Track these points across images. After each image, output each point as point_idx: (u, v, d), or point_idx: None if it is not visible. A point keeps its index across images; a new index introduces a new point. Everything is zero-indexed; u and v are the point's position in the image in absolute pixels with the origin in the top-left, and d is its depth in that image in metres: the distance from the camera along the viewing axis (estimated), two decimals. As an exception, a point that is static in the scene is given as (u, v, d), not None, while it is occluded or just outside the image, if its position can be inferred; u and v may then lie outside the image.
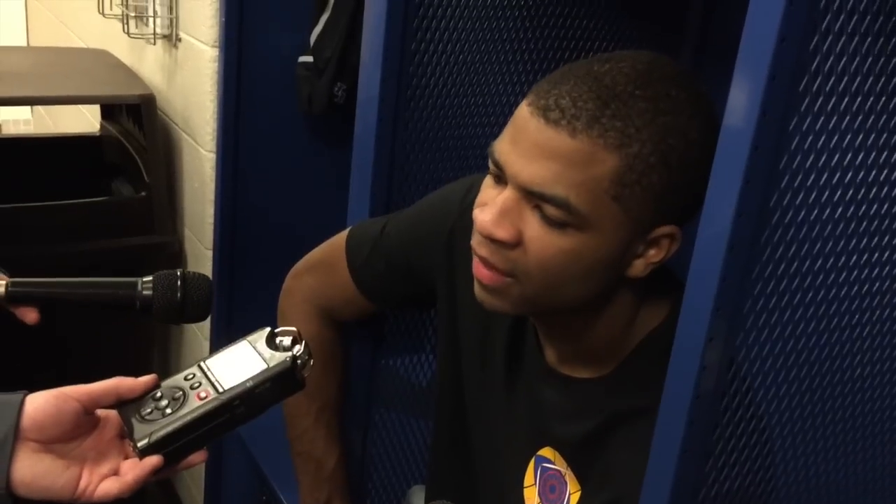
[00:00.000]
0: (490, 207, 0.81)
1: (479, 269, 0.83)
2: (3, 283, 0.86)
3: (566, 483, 0.91)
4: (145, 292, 0.85)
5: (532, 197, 0.78)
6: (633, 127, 0.75)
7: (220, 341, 1.17)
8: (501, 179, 0.81)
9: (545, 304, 0.84)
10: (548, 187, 0.77)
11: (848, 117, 0.67)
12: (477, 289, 0.85)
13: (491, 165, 0.82)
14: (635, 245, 0.80)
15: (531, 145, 0.77)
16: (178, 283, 0.86)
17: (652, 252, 0.81)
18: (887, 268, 0.75)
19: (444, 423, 1.10)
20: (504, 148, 0.80)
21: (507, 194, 0.80)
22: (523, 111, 0.79)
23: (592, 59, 0.82)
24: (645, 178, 0.76)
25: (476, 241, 0.83)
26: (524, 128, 0.78)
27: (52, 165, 2.20)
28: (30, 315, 0.86)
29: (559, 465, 0.92)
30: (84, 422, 0.79)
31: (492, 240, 0.80)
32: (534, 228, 0.79)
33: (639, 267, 0.82)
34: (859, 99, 0.67)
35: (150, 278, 0.86)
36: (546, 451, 0.93)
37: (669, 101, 0.77)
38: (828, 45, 0.64)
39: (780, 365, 0.74)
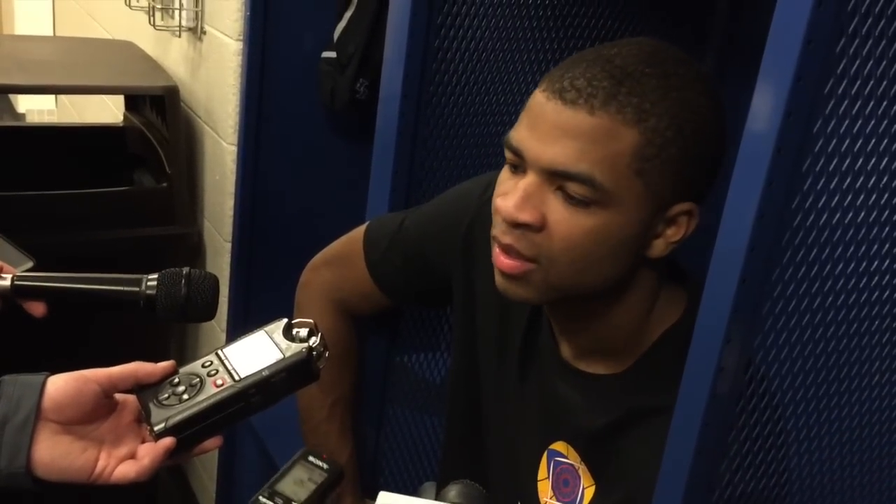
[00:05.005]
0: (512, 194, 0.81)
1: (500, 259, 0.84)
2: (10, 276, 0.87)
3: (580, 477, 0.91)
4: (149, 291, 0.84)
5: (554, 178, 0.79)
6: (649, 102, 0.78)
7: (236, 333, 1.18)
8: (520, 168, 0.83)
9: (569, 288, 0.84)
10: (571, 165, 0.78)
11: (873, 121, 0.67)
12: (498, 279, 0.85)
13: (509, 155, 0.83)
14: (656, 223, 0.81)
15: (550, 127, 0.79)
16: (183, 281, 0.85)
17: (671, 231, 0.82)
18: (909, 274, 0.74)
19: (457, 418, 1.10)
20: (522, 135, 0.81)
21: (529, 179, 0.81)
22: (538, 98, 0.81)
23: (599, 46, 0.84)
24: (664, 151, 0.78)
25: (500, 230, 0.83)
26: (540, 112, 0.80)
27: (75, 155, 2.21)
28: (37, 308, 0.86)
29: (572, 459, 0.92)
30: (103, 405, 0.80)
31: (516, 225, 0.81)
32: (557, 211, 0.80)
33: (659, 247, 0.83)
34: (885, 103, 0.66)
35: (154, 276, 0.86)
36: (559, 445, 0.94)
37: (678, 78, 0.79)
38: (854, 48, 0.64)
39: (797, 368, 0.74)
